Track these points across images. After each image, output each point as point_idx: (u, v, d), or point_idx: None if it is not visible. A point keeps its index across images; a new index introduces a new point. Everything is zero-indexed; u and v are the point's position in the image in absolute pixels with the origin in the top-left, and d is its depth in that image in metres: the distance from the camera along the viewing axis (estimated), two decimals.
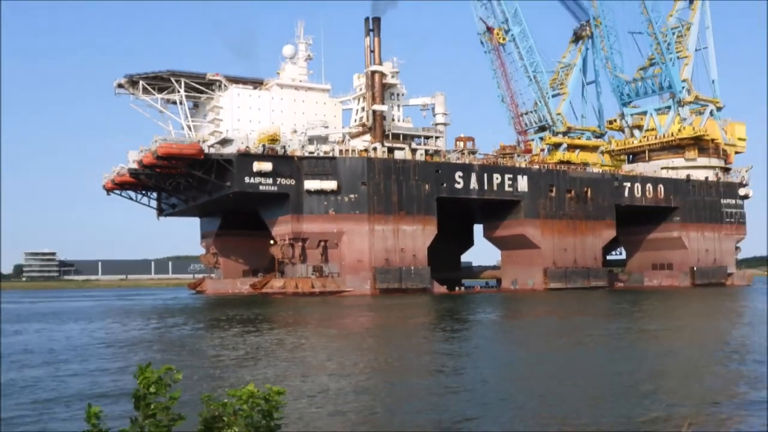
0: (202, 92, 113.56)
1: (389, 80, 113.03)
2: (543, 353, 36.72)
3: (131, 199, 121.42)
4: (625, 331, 46.70)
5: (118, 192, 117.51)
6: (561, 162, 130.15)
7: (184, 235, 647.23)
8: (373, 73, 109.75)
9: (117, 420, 4.45)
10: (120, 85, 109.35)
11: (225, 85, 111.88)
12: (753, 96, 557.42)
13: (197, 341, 43.02)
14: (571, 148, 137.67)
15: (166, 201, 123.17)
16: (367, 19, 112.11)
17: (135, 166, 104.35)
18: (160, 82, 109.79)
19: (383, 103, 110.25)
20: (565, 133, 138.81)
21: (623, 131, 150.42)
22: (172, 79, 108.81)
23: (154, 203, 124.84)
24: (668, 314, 63.88)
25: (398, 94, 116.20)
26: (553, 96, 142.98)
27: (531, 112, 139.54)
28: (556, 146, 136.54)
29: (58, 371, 29.11)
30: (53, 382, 26.20)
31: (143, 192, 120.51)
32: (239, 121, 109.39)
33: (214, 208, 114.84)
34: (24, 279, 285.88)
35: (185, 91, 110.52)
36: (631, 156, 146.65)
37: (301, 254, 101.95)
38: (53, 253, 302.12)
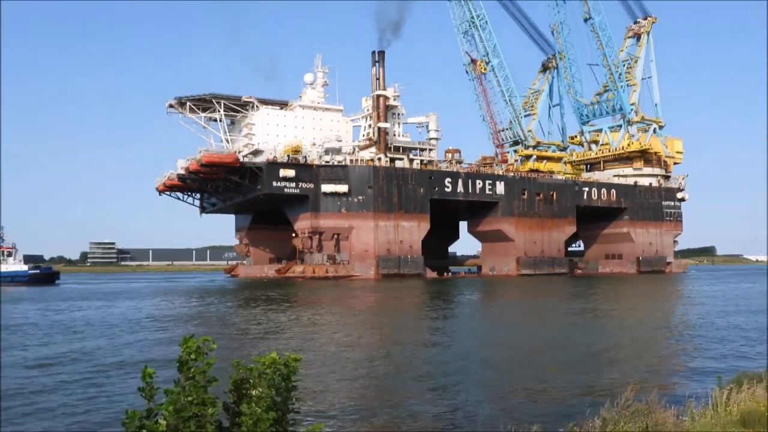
0: (238, 112, 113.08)
1: (391, 102, 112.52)
2: (515, 327, 36.42)
3: (178, 199, 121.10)
4: (584, 310, 46.26)
5: (168, 193, 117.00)
6: (531, 170, 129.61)
7: (220, 228, 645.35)
8: (379, 96, 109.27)
9: (162, 383, 4.23)
10: (171, 106, 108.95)
11: (257, 106, 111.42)
12: (688, 116, 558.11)
13: (231, 317, 42.38)
14: (540, 159, 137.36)
15: (207, 200, 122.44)
16: (373, 52, 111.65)
17: (182, 172, 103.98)
18: (203, 103, 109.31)
19: (386, 122, 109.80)
20: (534, 147, 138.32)
21: (582, 145, 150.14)
22: (214, 101, 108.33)
23: (197, 202, 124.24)
24: (619, 296, 63.51)
25: (399, 114, 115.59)
26: (525, 116, 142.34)
27: (507, 129, 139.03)
28: (527, 157, 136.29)
29: (115, 342, 28.81)
30: (112, 350, 26.08)
31: (188, 193, 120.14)
32: (268, 135, 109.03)
33: (246, 206, 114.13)
34: (88, 264, 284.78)
35: (224, 110, 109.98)
36: (588, 166, 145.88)
37: (318, 245, 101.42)
38: (113, 243, 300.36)
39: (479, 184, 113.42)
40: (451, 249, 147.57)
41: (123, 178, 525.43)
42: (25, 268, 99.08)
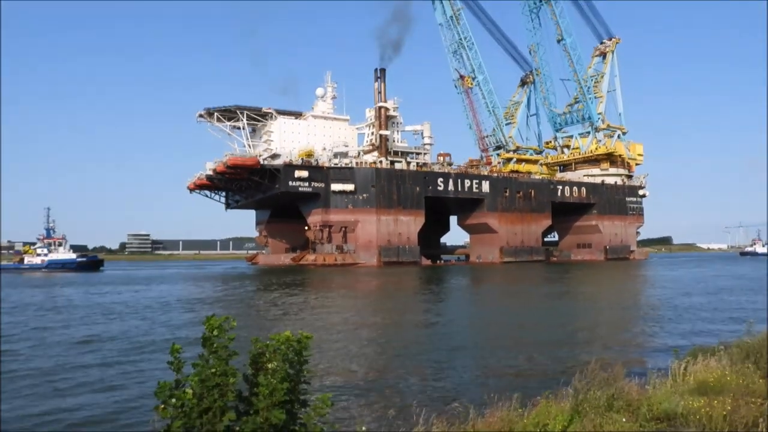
0: (258, 121, 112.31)
1: (392, 113, 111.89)
2: (502, 308, 36.04)
3: (207, 196, 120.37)
4: (561, 293, 45.89)
5: (197, 191, 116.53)
6: (512, 171, 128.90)
7: (241, 222, 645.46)
8: (380, 108, 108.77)
9: (191, 359, 4.25)
10: (200, 115, 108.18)
11: (275, 116, 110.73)
12: (647, 123, 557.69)
13: (253, 299, 41.96)
14: (519, 161, 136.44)
15: (231, 198, 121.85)
16: (376, 69, 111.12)
17: (211, 173, 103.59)
18: (228, 113, 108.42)
19: (387, 129, 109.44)
20: (514, 151, 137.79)
21: (556, 149, 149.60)
22: (238, 112, 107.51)
23: (222, 199, 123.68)
24: (592, 280, 63.34)
25: (398, 123, 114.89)
26: (506, 124, 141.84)
27: (491, 135, 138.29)
28: (508, 160, 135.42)
29: (153, 321, 28.56)
30: (147, 329, 25.87)
31: (215, 191, 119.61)
32: (285, 141, 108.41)
33: (266, 203, 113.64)
34: (126, 253, 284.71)
35: (247, 120, 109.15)
36: (561, 167, 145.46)
37: (328, 236, 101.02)
38: (148, 235, 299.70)
39: (467, 183, 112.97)
40: (442, 240, 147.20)
41: (157, 179, 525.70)
42: (73, 256, 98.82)
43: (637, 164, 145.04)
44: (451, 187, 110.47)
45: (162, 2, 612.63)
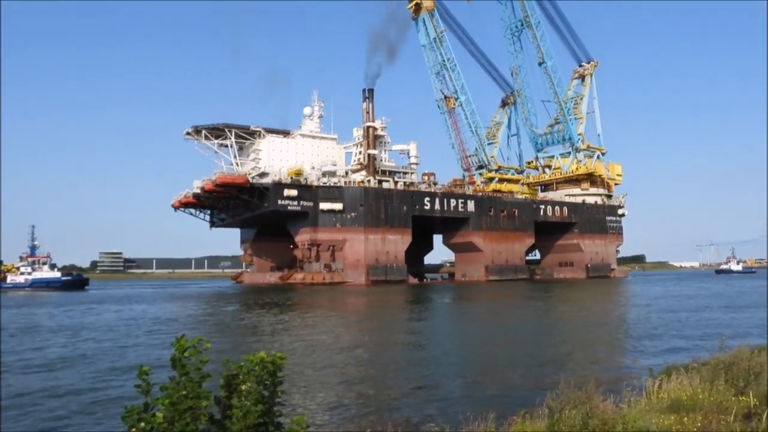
0: (246, 139, 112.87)
1: (379, 132, 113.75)
2: (486, 324, 36.30)
3: (192, 214, 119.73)
4: (544, 311, 46.05)
5: (182, 209, 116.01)
6: (494, 191, 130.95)
7: (217, 240, 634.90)
8: (368, 127, 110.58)
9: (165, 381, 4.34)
10: (188, 133, 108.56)
11: (263, 134, 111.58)
12: (625, 145, 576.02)
13: (240, 318, 41.09)
14: (501, 181, 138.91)
15: (216, 216, 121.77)
16: (364, 89, 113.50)
17: (198, 191, 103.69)
18: (216, 131, 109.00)
19: (375, 149, 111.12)
20: (496, 170, 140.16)
21: (537, 169, 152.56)
22: (226, 130, 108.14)
23: (207, 218, 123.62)
24: (576, 298, 63.60)
25: (385, 142, 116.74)
26: (488, 144, 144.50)
27: (473, 155, 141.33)
28: (491, 179, 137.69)
29: (138, 341, 28.02)
30: (136, 349, 25.42)
31: (201, 209, 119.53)
32: (273, 160, 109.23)
33: (252, 221, 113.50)
34: (97, 271, 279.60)
35: (235, 138, 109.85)
36: (543, 186, 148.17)
37: (316, 255, 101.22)
38: (120, 253, 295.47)
39: (453, 202, 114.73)
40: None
41: (131, 196, 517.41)
42: (58, 275, 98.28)
43: (616, 184, 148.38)
44: (437, 206, 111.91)
45: (144, 20, 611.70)
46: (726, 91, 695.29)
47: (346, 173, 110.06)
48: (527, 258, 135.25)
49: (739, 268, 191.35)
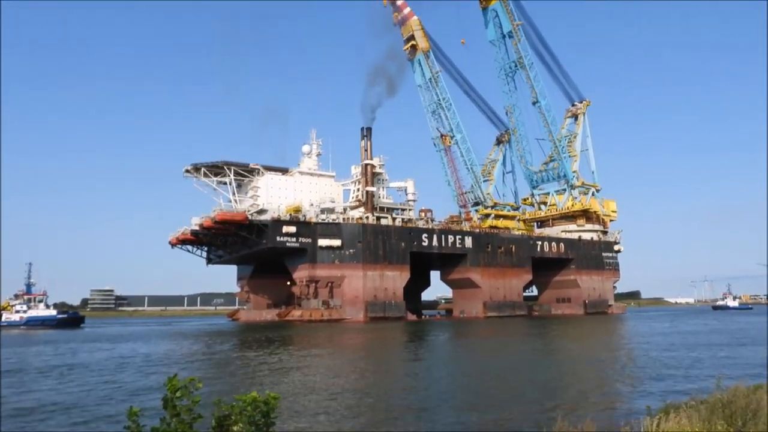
0: (245, 176, 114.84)
1: (377, 170, 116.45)
2: (487, 362, 36.48)
3: (188, 251, 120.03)
4: (546, 350, 46.24)
5: (179, 246, 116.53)
6: (491, 227, 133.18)
7: (210, 277, 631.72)
8: (366, 165, 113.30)
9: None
10: (187, 171, 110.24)
11: (262, 172, 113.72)
12: (619, 181, 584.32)
13: (236, 357, 40.74)
14: (497, 217, 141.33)
15: (213, 253, 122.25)
16: (362, 128, 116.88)
17: (196, 227, 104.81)
18: (216, 169, 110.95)
19: (373, 186, 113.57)
20: (492, 207, 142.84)
21: (533, 205, 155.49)
22: (226, 167, 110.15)
23: (204, 254, 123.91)
24: (577, 335, 64.14)
25: (383, 180, 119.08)
26: (484, 181, 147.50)
27: (469, 192, 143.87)
28: (487, 216, 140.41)
29: (135, 381, 28.01)
30: (127, 389, 25.43)
31: (197, 246, 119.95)
32: (272, 197, 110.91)
33: (250, 258, 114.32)
34: (88, 309, 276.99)
35: (234, 175, 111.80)
36: (539, 223, 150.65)
37: (314, 292, 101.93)
38: (112, 290, 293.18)
39: (451, 238, 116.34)
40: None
41: (123, 233, 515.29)
42: (54, 312, 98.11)
43: (611, 220, 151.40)
44: (435, 242, 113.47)
45: (140, 59, 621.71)
46: (719, 130, 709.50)
47: (345, 210, 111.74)
48: (524, 294, 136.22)
49: (736, 304, 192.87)
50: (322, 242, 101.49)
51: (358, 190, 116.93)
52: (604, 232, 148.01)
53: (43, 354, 46.74)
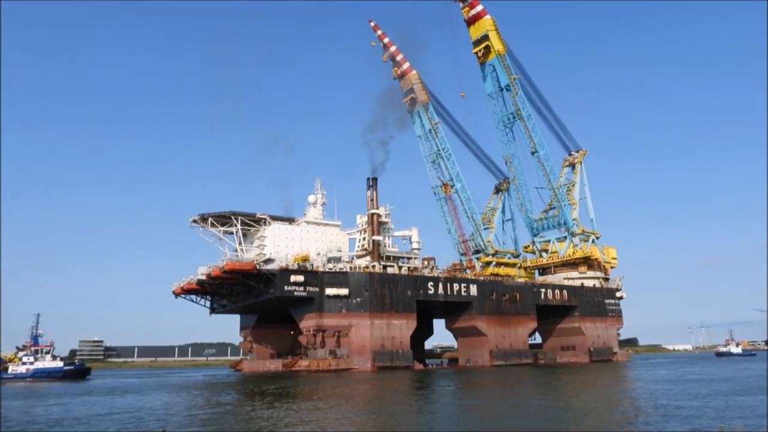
0: (252, 226, 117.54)
1: (383, 219, 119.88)
2: (499, 412, 36.20)
3: (192, 301, 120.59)
4: (557, 398, 45.59)
5: (183, 296, 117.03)
6: (492, 274, 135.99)
7: (200, 327, 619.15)
8: (373, 215, 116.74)
9: None
10: (194, 221, 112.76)
11: (269, 222, 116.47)
12: (617, 229, 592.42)
13: (241, 410, 39.80)
14: (498, 265, 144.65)
15: (217, 302, 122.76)
16: (368, 178, 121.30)
17: (203, 277, 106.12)
18: (223, 219, 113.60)
19: (379, 235, 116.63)
20: (493, 255, 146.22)
21: (534, 253, 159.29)
22: (233, 217, 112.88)
23: (208, 304, 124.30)
24: (582, 384, 62.93)
25: (389, 228, 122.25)
26: (484, 229, 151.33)
27: (470, 240, 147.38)
28: (488, 263, 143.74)
29: None
30: None
31: (201, 296, 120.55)
32: (278, 246, 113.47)
33: (254, 307, 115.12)
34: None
35: (241, 225, 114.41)
36: (540, 270, 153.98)
37: (321, 341, 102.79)
38: (101, 341, 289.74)
39: (456, 286, 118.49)
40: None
41: (110, 283, 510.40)
42: (60, 364, 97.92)
43: (612, 267, 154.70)
44: (440, 290, 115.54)
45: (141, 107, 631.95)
46: (716, 174, 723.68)
47: (351, 259, 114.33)
48: (528, 342, 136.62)
49: (739, 350, 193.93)
50: (330, 291, 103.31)
51: (364, 238, 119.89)
52: (606, 279, 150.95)
53: (47, 407, 45.55)
